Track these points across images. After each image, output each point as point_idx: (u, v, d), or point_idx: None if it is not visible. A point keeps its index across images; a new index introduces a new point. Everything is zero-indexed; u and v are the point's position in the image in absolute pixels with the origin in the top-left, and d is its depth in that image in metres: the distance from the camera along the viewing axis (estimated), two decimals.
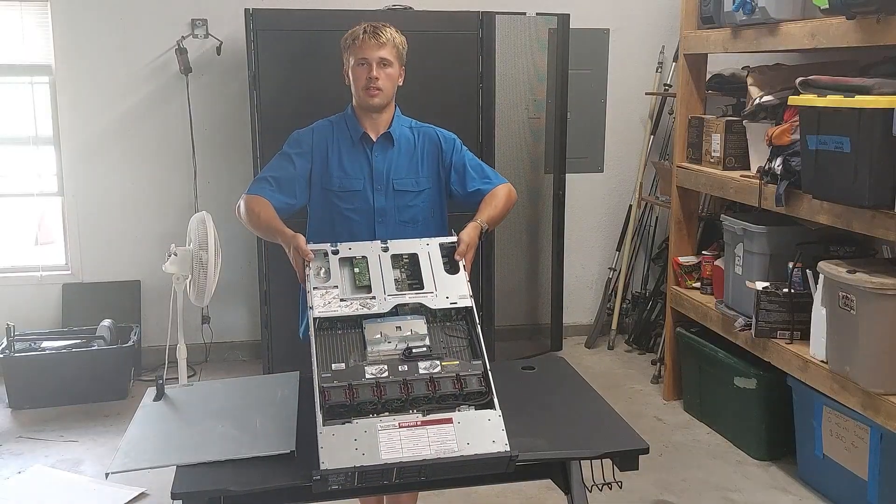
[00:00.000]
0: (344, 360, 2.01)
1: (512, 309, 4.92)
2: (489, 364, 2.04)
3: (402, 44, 2.58)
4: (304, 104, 4.23)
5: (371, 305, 2.10)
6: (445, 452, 1.83)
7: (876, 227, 2.83)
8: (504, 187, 2.62)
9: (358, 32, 2.53)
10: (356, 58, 2.53)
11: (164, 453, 2.03)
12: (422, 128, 2.67)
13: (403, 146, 2.61)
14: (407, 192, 2.59)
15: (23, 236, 4.86)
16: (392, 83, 2.57)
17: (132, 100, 4.76)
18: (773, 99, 3.49)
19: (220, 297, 4.50)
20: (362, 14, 4.22)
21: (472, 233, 2.36)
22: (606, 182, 5.32)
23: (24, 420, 4.19)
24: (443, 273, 2.21)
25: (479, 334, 2.09)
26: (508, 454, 1.86)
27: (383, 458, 1.81)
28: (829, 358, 3.12)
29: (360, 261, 2.20)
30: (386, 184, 2.58)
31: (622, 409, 2.93)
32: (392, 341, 2.05)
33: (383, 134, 2.60)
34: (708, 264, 4.10)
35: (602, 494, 2.22)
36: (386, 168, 2.58)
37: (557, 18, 4.70)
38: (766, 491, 3.48)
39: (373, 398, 1.92)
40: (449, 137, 2.67)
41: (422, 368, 1.99)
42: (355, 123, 2.60)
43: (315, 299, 2.11)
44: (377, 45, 2.50)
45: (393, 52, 2.53)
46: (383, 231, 2.55)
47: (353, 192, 2.57)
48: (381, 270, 2.18)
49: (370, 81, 2.51)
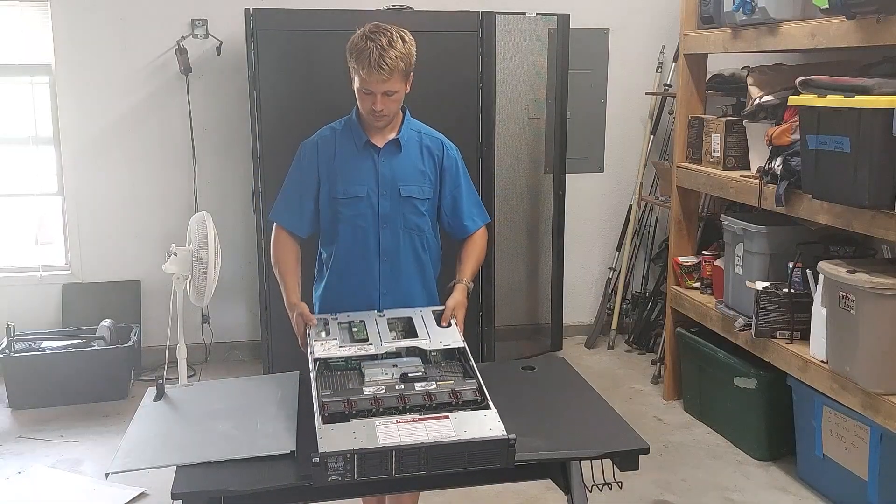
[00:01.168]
0: (343, 388, 2.14)
1: (512, 309, 4.92)
2: (484, 382, 2.13)
3: (410, 58, 2.44)
4: (304, 104, 4.24)
5: (368, 349, 2.26)
6: (443, 437, 1.91)
7: (876, 227, 2.83)
8: (483, 236, 2.69)
9: (364, 54, 2.38)
10: (361, 83, 2.43)
11: (164, 453, 2.03)
12: (430, 135, 2.62)
13: (411, 152, 2.56)
14: (413, 199, 2.55)
15: (23, 236, 4.86)
16: (398, 104, 2.50)
17: (132, 100, 4.76)
18: (773, 99, 3.49)
19: (220, 297, 4.51)
20: (362, 14, 4.23)
21: (460, 296, 2.50)
22: (606, 182, 5.32)
23: (24, 420, 4.19)
24: (436, 327, 2.38)
25: (473, 367, 2.20)
26: (506, 438, 1.92)
27: (381, 443, 1.88)
28: (829, 358, 3.12)
29: (358, 323, 2.38)
30: (391, 190, 2.54)
31: (622, 409, 2.94)
32: (389, 372, 2.18)
33: (392, 140, 2.55)
34: (708, 264, 4.10)
35: (602, 494, 2.22)
36: (392, 174, 2.54)
37: (557, 18, 4.70)
38: (766, 491, 3.48)
39: (371, 407, 2.03)
40: (452, 154, 2.63)
41: (418, 387, 2.11)
42: (360, 131, 2.55)
43: (315, 346, 2.27)
44: (382, 80, 2.38)
45: (399, 79, 2.42)
46: (387, 237, 2.55)
47: (357, 198, 2.53)
48: (378, 327, 2.36)
49: (375, 112, 2.45)
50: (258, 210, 4.30)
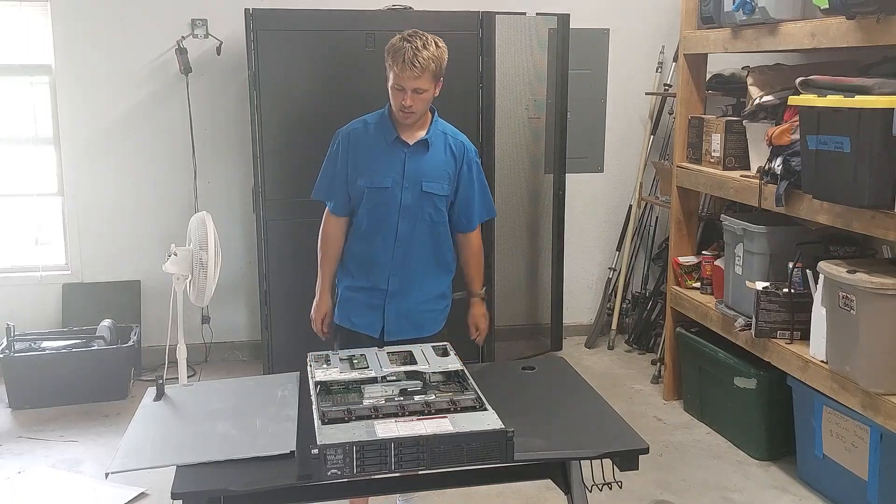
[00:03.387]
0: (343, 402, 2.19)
1: (512, 309, 4.92)
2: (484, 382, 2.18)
3: (441, 62, 2.69)
4: (304, 104, 4.24)
5: (368, 373, 2.33)
6: (442, 430, 1.95)
7: (876, 227, 2.83)
8: (479, 240, 2.95)
9: (400, 52, 2.62)
10: (394, 79, 2.65)
11: (163, 453, 2.03)
12: (455, 136, 2.85)
13: (437, 152, 2.79)
14: (433, 195, 2.77)
15: (23, 236, 4.86)
16: (426, 104, 2.73)
17: (132, 100, 4.76)
18: (773, 99, 3.49)
19: (220, 297, 4.50)
20: (362, 14, 4.25)
21: (482, 309, 3.03)
22: (606, 182, 5.32)
23: (24, 420, 4.19)
24: (436, 356, 2.46)
25: (473, 384, 2.24)
26: (504, 430, 1.95)
27: (380, 436, 1.92)
28: (829, 358, 3.12)
29: (359, 356, 2.46)
30: (414, 184, 2.73)
31: (622, 409, 2.93)
32: (389, 388, 2.24)
33: (421, 140, 2.75)
34: (708, 264, 4.10)
35: (602, 494, 2.22)
36: (417, 170, 2.74)
37: (557, 18, 4.70)
38: (766, 491, 3.48)
39: (370, 414, 2.06)
40: (471, 157, 2.84)
41: (416, 398, 2.18)
42: (391, 127, 2.76)
43: (316, 370, 2.34)
44: (413, 76, 2.61)
45: (429, 79, 2.65)
46: (405, 226, 2.75)
47: (381, 188, 2.74)
48: (378, 359, 2.43)
49: (404, 107, 2.67)
50: (258, 210, 4.30)
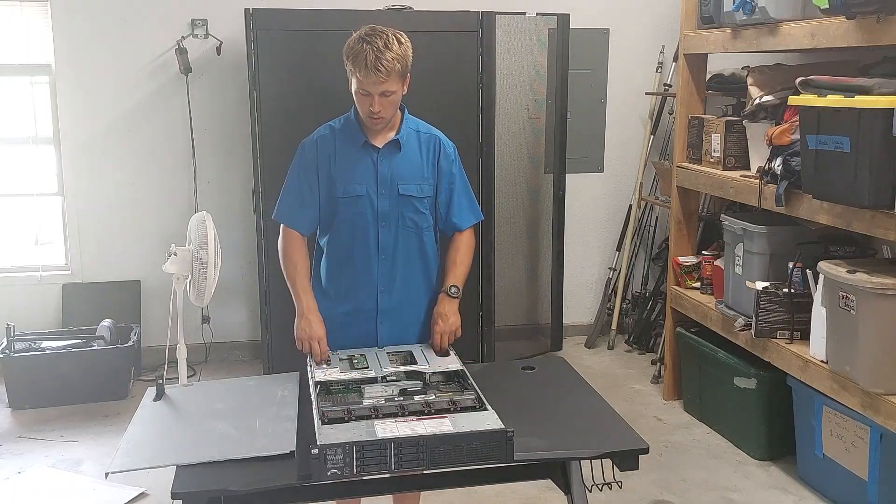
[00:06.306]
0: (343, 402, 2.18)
1: (512, 309, 4.92)
2: (484, 383, 2.18)
3: (406, 60, 2.46)
4: (304, 104, 4.23)
5: (368, 374, 2.32)
6: (442, 430, 1.95)
7: (876, 227, 2.83)
8: (469, 240, 2.69)
9: (361, 56, 2.40)
10: (358, 84, 2.45)
11: (163, 453, 2.03)
12: (429, 132, 2.64)
13: (410, 151, 2.59)
14: (412, 198, 2.58)
15: (23, 236, 4.85)
16: (395, 106, 2.52)
17: (132, 100, 4.76)
18: (773, 99, 3.49)
19: (220, 297, 4.50)
20: (362, 14, 4.25)
21: (441, 308, 2.58)
22: (606, 182, 5.32)
23: (24, 420, 4.19)
24: (436, 357, 2.46)
25: (473, 384, 2.23)
26: (505, 430, 1.95)
27: (380, 436, 1.92)
28: (829, 358, 3.12)
29: (359, 357, 2.45)
30: (390, 188, 2.56)
31: (622, 409, 2.93)
32: (389, 388, 2.23)
33: (391, 140, 2.57)
34: (708, 264, 4.10)
35: (602, 494, 2.22)
36: (391, 173, 2.56)
37: (557, 18, 4.70)
38: (766, 491, 3.48)
39: (370, 414, 2.06)
40: (448, 151, 2.65)
41: (416, 398, 2.16)
42: (358, 132, 2.57)
43: (316, 371, 2.34)
44: (379, 81, 2.40)
45: (396, 80, 2.44)
46: (387, 236, 2.57)
47: (356, 197, 2.55)
48: (378, 359, 2.43)
49: (372, 113, 2.46)
50: (258, 210, 4.30)
